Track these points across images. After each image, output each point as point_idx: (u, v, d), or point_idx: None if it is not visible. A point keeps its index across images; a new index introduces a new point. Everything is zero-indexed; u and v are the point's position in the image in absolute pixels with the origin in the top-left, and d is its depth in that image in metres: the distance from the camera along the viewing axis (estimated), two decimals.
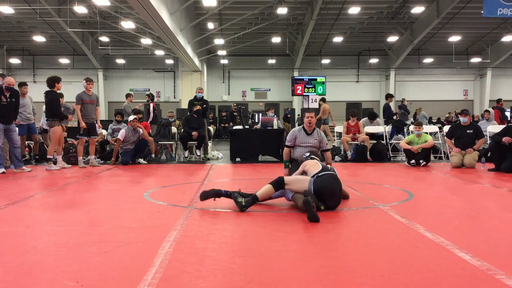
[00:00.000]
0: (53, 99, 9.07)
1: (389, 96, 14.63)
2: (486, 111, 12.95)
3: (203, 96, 12.05)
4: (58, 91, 9.22)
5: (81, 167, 9.18)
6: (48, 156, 9.11)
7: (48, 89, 9.15)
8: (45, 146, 10.61)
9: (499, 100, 16.17)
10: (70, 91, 18.63)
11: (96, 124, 9.72)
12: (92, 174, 8.26)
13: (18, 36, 28.25)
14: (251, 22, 25.12)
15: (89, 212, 4.78)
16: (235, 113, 23.49)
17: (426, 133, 9.92)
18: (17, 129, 8.93)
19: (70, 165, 9.42)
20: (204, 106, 11.75)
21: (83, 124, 9.20)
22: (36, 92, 10.02)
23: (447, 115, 25.36)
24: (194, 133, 10.75)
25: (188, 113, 11.64)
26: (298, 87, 13.93)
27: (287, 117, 19.90)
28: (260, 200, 4.68)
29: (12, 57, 31.39)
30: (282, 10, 21.82)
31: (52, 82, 9.15)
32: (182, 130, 11.32)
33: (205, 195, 4.78)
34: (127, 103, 12.94)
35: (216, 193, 4.78)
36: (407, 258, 2.98)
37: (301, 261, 2.95)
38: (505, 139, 8.12)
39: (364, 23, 25.82)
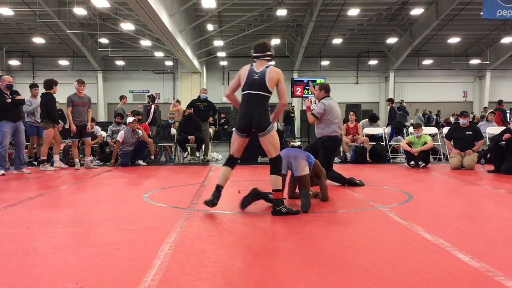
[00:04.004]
0: (50, 101, 9.09)
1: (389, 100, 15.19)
2: (492, 112, 12.89)
3: (207, 97, 11.92)
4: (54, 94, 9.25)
5: (77, 169, 9.16)
6: (41, 158, 9.10)
7: (44, 91, 9.18)
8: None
9: (500, 102, 16.18)
10: (69, 93, 18.59)
11: (87, 125, 9.58)
12: (92, 176, 8.25)
13: (17, 38, 28.24)
14: (250, 24, 25.12)
15: (88, 213, 4.78)
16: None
17: (426, 134, 9.93)
18: (24, 128, 8.89)
19: (67, 165, 9.41)
20: (213, 109, 11.81)
21: (73, 127, 9.12)
22: (38, 95, 10.08)
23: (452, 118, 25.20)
24: (191, 137, 10.76)
25: (184, 116, 11.57)
26: (297, 89, 13.89)
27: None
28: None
29: (12, 58, 31.37)
30: (281, 12, 21.82)
31: (50, 84, 9.15)
32: (177, 134, 11.37)
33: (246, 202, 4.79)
34: (121, 105, 12.99)
35: (256, 194, 4.80)
36: (407, 260, 2.98)
37: (301, 262, 2.95)
38: (505, 136, 8.17)
39: (364, 24, 25.83)
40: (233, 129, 4.72)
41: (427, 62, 31.90)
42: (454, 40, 26.99)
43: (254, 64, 4.72)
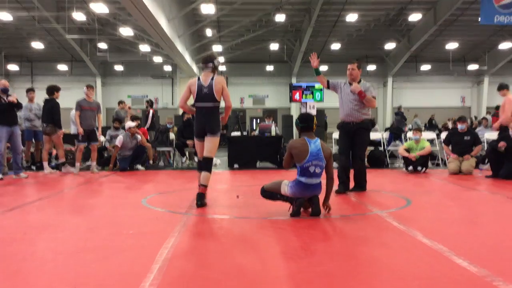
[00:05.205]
0: (54, 107, 9.22)
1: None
2: (484, 118, 12.98)
3: None
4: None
5: (75, 174, 9.16)
6: (61, 160, 9.41)
7: (47, 96, 9.33)
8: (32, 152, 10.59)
9: (498, 107, 16.23)
10: (68, 97, 18.62)
11: (97, 131, 9.70)
12: (90, 181, 8.24)
13: (16, 43, 28.25)
14: (249, 29, 25.20)
15: (86, 218, 4.77)
16: None
17: (424, 139, 9.94)
18: (20, 133, 8.90)
19: (56, 170, 9.48)
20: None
21: (80, 130, 9.19)
22: (34, 98, 10.14)
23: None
24: (190, 142, 10.77)
25: (183, 121, 11.54)
26: (296, 94, 13.94)
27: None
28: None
29: (10, 63, 31.37)
30: (280, 17, 21.90)
31: (53, 90, 9.37)
32: (176, 138, 11.36)
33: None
34: (118, 109, 13.27)
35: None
36: (405, 265, 2.98)
37: (299, 267, 2.95)
38: (501, 144, 8.18)
39: (362, 30, 25.93)
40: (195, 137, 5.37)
41: (425, 67, 32.00)
42: (452, 45, 27.10)
43: (202, 77, 5.26)
